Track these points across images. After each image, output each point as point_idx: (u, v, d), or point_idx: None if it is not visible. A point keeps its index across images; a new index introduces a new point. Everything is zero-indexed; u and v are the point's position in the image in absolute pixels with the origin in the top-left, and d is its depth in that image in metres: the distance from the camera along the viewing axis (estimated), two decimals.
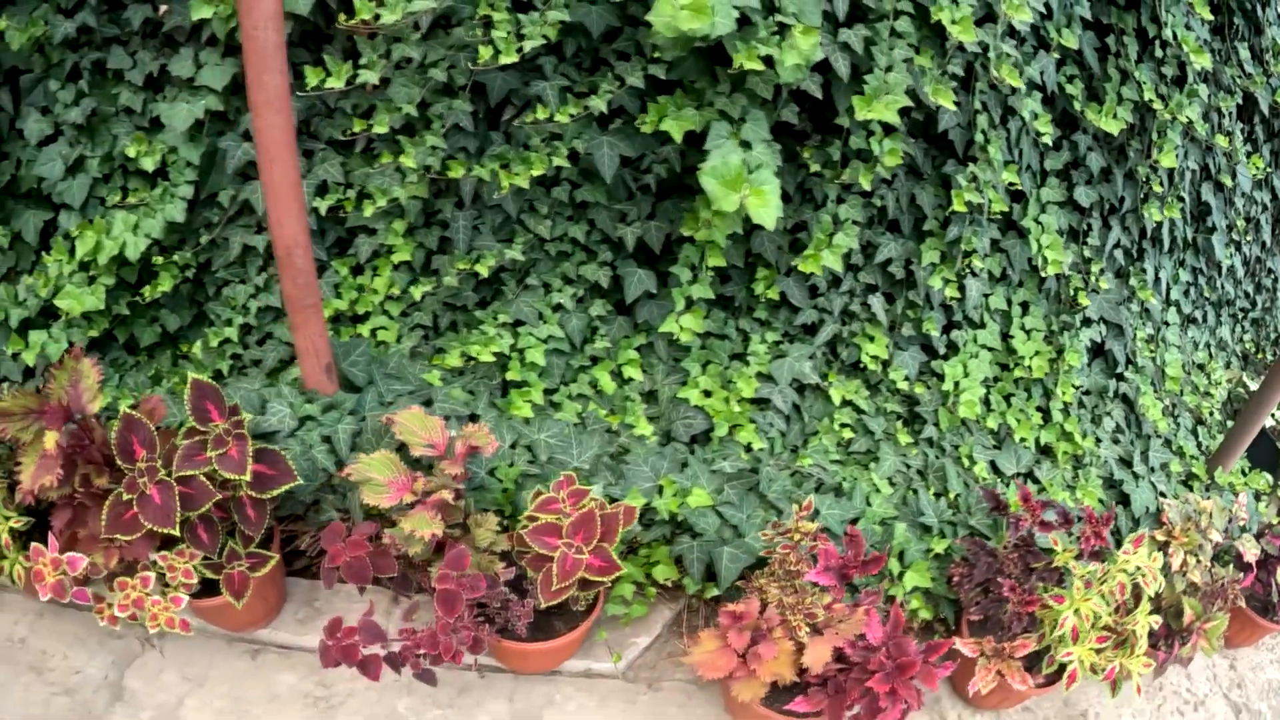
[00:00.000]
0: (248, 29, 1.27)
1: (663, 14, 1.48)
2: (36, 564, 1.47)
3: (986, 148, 1.83)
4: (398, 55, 1.61)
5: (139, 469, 1.38)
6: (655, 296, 1.95)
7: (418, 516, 1.27)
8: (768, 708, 1.45)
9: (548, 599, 1.29)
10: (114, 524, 1.38)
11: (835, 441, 1.90)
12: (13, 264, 2.27)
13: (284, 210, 1.39)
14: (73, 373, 1.49)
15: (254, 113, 1.34)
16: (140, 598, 1.44)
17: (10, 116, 2.17)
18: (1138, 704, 1.78)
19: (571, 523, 1.32)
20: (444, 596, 1.25)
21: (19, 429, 1.46)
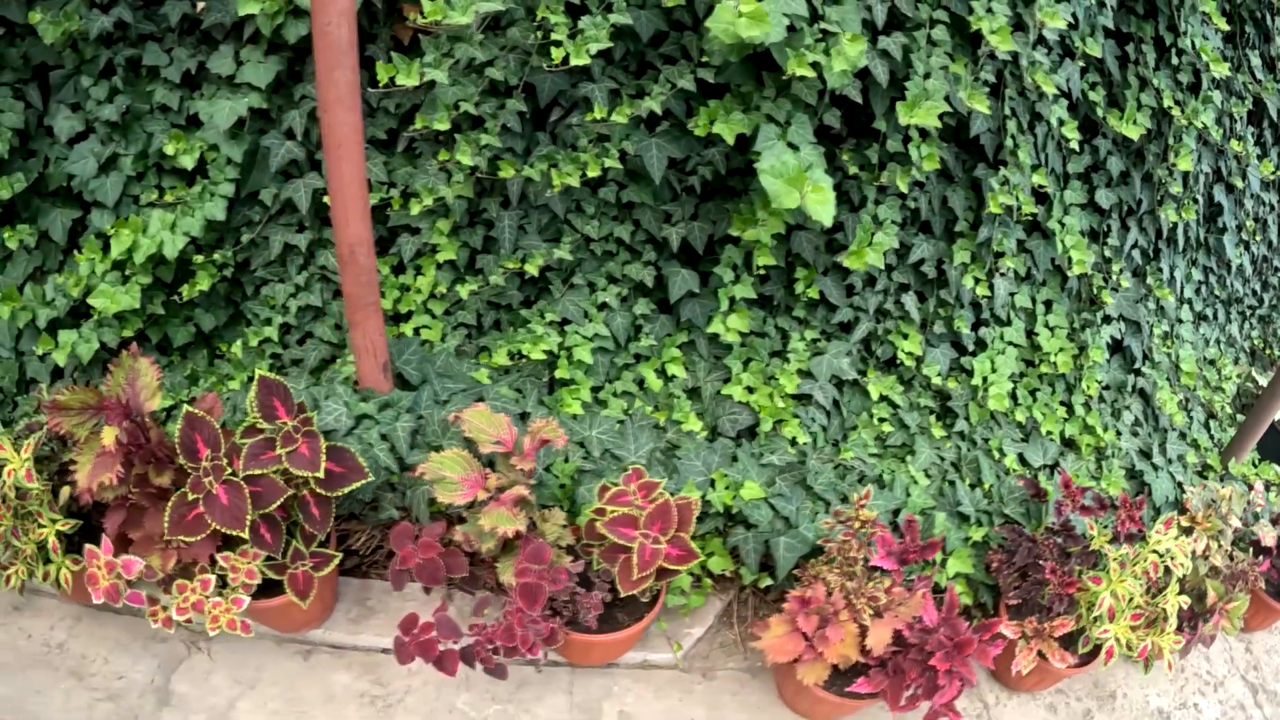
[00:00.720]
0: (320, 25, 1.25)
1: (722, 20, 1.50)
2: (90, 567, 1.42)
3: (1016, 152, 1.88)
4: (460, 54, 1.60)
5: (204, 468, 1.36)
6: (697, 295, 1.96)
7: (496, 513, 1.26)
8: (825, 690, 1.47)
9: (627, 589, 1.30)
10: (177, 525, 1.35)
11: (874, 435, 1.93)
12: (40, 263, 2.21)
13: (350, 208, 1.38)
14: (130, 371, 1.45)
15: (323, 110, 1.32)
16: (200, 600, 1.41)
17: (38, 113, 2.11)
18: (1162, 684, 1.84)
19: (648, 514, 1.32)
20: (525, 590, 1.25)
21: (75, 424, 1.41)
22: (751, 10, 1.46)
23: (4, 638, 1.87)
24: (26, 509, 1.65)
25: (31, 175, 2.11)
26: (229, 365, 2.08)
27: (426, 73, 1.54)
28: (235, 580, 1.42)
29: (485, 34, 1.72)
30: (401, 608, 1.71)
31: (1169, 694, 1.82)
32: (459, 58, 1.62)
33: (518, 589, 1.25)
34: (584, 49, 1.54)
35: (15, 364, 2.19)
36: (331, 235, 1.99)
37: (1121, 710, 1.77)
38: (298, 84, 1.92)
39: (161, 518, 1.41)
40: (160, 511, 1.41)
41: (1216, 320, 2.19)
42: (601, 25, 1.59)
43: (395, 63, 1.62)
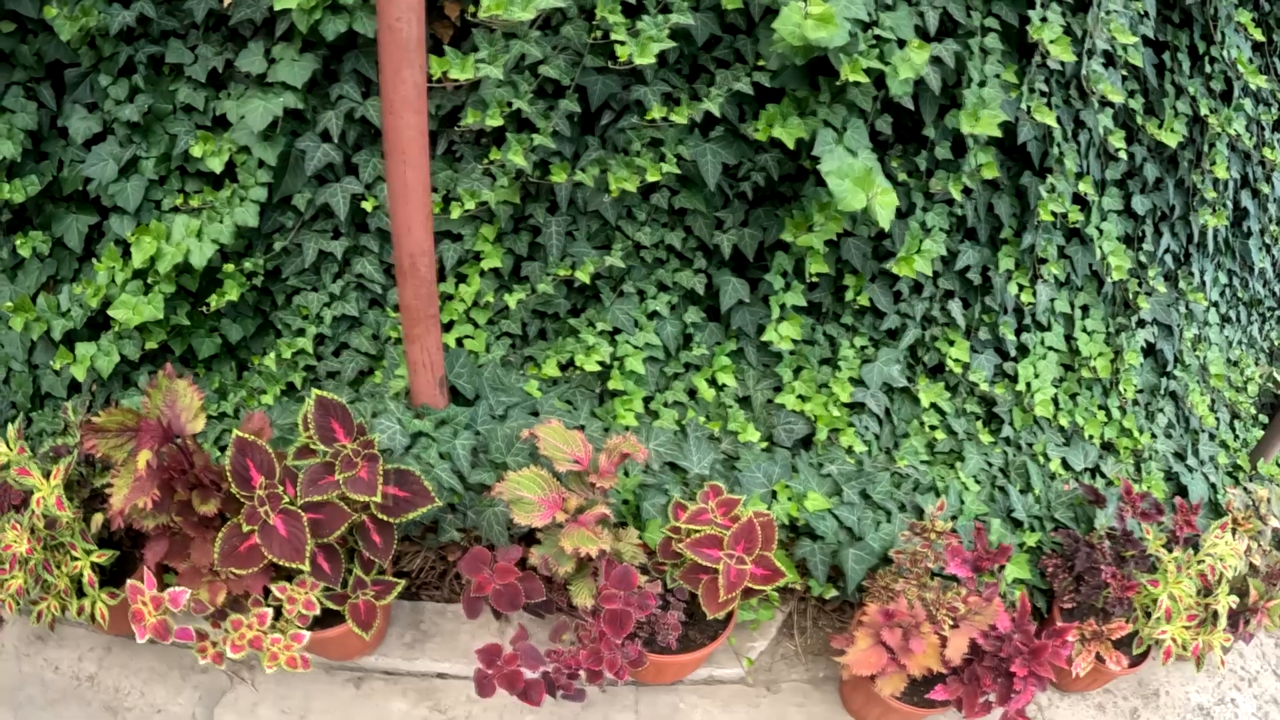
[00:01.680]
0: (388, 21, 1.15)
1: (789, 22, 1.44)
2: (135, 603, 1.31)
3: (1062, 159, 1.85)
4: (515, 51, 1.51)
5: (259, 496, 1.25)
6: (747, 303, 1.90)
7: (578, 534, 1.19)
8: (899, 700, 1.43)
9: (714, 611, 1.24)
10: (229, 556, 1.24)
11: (924, 442, 1.89)
12: (53, 272, 2.06)
13: (413, 215, 1.28)
14: (168, 392, 1.34)
15: (389, 112, 1.22)
16: (258, 636, 1.30)
17: (51, 114, 1.95)
18: (1201, 681, 1.85)
19: (732, 534, 1.26)
20: (612, 616, 1.18)
21: (112, 447, 1.30)
22: (820, 12, 1.40)
23: (29, 670, 1.74)
24: (57, 540, 1.52)
25: (45, 179, 1.96)
26: (259, 378, 1.96)
27: (480, 68, 1.45)
28: (291, 612, 1.32)
29: (539, 32, 1.63)
30: (456, 630, 1.63)
31: (1208, 690, 1.83)
32: (514, 54, 1.53)
33: (605, 616, 1.19)
34: (648, 48, 1.46)
35: (29, 378, 2.04)
36: (368, 243, 1.89)
37: (1165, 708, 1.77)
38: (334, 84, 1.81)
39: (208, 547, 1.30)
40: (207, 541, 1.30)
41: (1239, 322, 2.21)
42: (661, 25, 1.52)
43: (449, 56, 1.52)
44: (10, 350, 2.06)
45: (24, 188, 1.94)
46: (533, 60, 1.60)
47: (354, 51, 1.78)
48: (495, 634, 1.63)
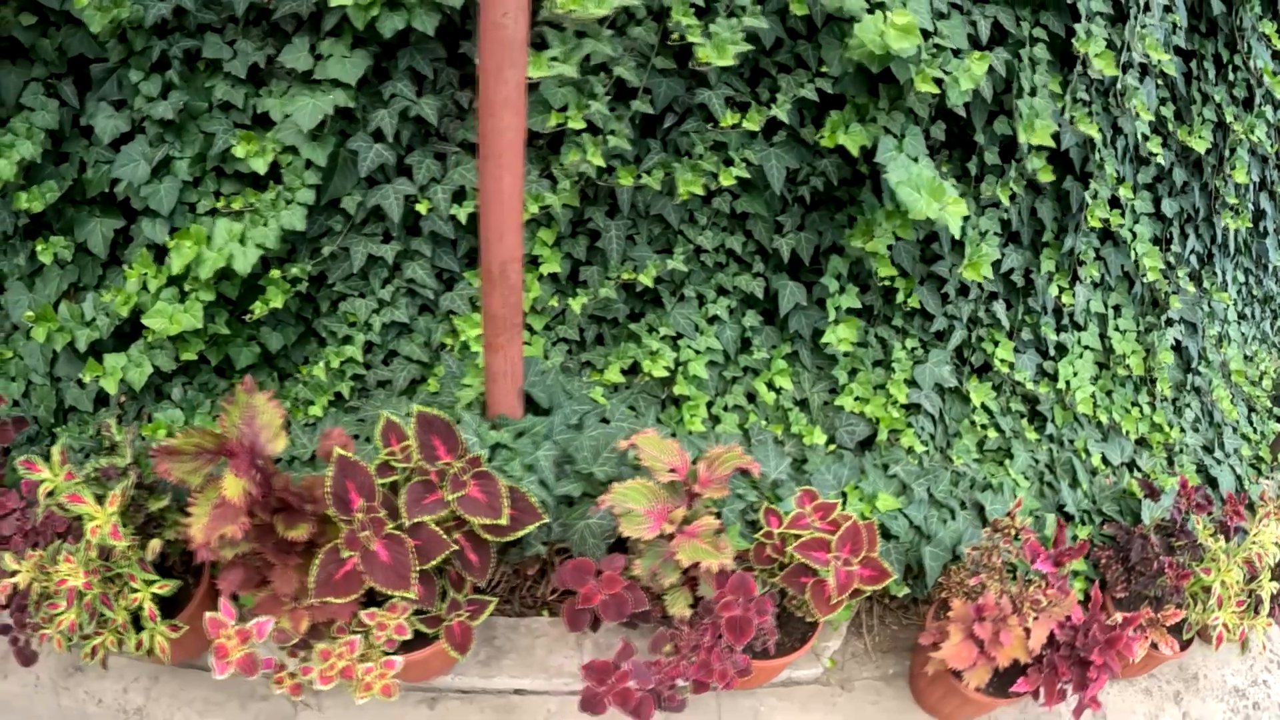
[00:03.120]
0: (493, 19, 1.09)
1: (871, 31, 1.43)
2: (219, 637, 1.21)
3: (1103, 165, 1.89)
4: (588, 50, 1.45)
5: (359, 521, 1.17)
6: (804, 307, 1.89)
7: (690, 545, 1.16)
8: (979, 692, 1.44)
9: (824, 613, 1.23)
10: (325, 585, 1.15)
11: (975, 441, 1.91)
12: (75, 279, 1.92)
13: (507, 221, 1.22)
14: (246, 408, 1.24)
15: (488, 113, 1.15)
16: (350, 665, 1.22)
17: (73, 112, 1.82)
18: (1235, 664, 1.92)
19: (839, 537, 1.25)
20: (732, 623, 1.16)
21: (188, 471, 1.20)
22: (905, 23, 1.40)
23: (70, 704, 1.62)
24: (113, 570, 1.41)
25: (66, 182, 1.83)
26: (303, 388, 1.86)
27: (554, 65, 1.39)
28: (379, 638, 1.24)
29: (610, 31, 1.58)
30: (532, 646, 1.57)
31: (1241, 673, 1.89)
32: (585, 53, 1.47)
33: (725, 623, 1.16)
34: (726, 51, 1.43)
35: (51, 391, 1.90)
36: (420, 247, 1.81)
37: (1204, 689, 1.83)
38: (384, 81, 1.72)
39: (290, 574, 1.21)
40: (289, 568, 1.21)
41: (1253, 319, 2.30)
42: (735, 28, 1.49)
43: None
44: (30, 362, 1.92)
45: (43, 194, 1.81)
46: (602, 59, 1.55)
47: (408, 48, 1.70)
48: (573, 647, 1.58)
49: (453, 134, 1.79)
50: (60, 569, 1.34)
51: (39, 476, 1.43)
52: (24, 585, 1.40)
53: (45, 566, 1.41)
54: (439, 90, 1.75)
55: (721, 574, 1.21)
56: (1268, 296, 2.32)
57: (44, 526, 1.49)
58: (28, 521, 1.51)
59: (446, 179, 1.76)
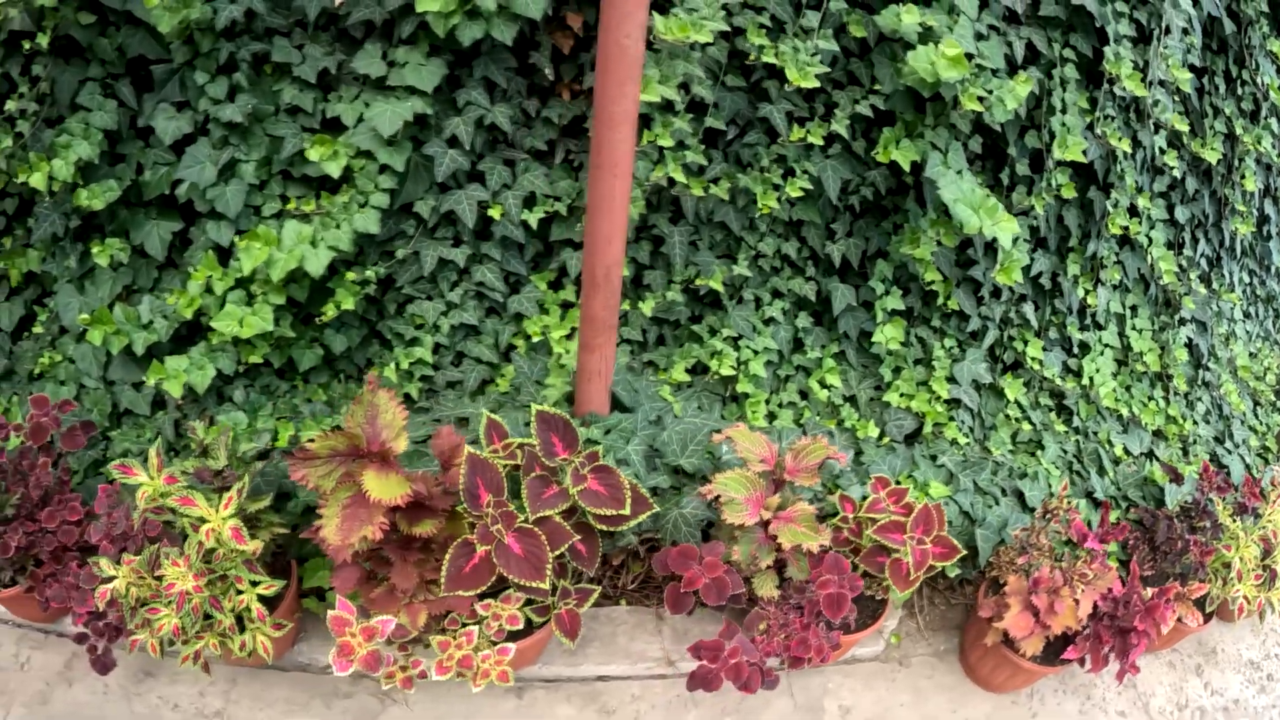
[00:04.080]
0: (617, 38, 1.24)
1: (924, 60, 1.65)
2: (343, 635, 1.34)
3: (1124, 176, 2.16)
4: (681, 70, 1.64)
5: (490, 515, 1.31)
6: (853, 308, 2.10)
7: (789, 529, 1.35)
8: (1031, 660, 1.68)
9: (903, 589, 1.43)
10: (456, 579, 1.28)
11: (1010, 433, 2.16)
12: (129, 282, 2.02)
13: (615, 227, 1.39)
14: (369, 407, 1.37)
15: (606, 124, 1.31)
16: (468, 655, 1.36)
17: (131, 114, 1.92)
18: (1248, 639, 2.20)
19: (913, 518, 1.46)
20: (830, 600, 1.35)
21: (321, 475, 1.32)
22: (954, 54, 1.62)
23: (144, 711, 1.71)
24: (216, 572, 1.51)
25: (124, 183, 1.92)
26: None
27: (659, 88, 1.57)
28: (491, 628, 1.38)
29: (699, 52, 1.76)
30: (614, 633, 1.75)
31: (1255, 647, 2.18)
32: (680, 73, 1.66)
33: (824, 599, 1.35)
34: (809, 73, 1.63)
35: (106, 395, 1.99)
36: (490, 250, 1.96)
37: (1223, 662, 2.10)
38: (456, 89, 1.87)
39: (410, 571, 1.34)
40: (408, 564, 1.34)
41: (1257, 317, 2.61)
42: (810, 50, 1.69)
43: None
44: (83, 366, 2.00)
45: (103, 193, 1.90)
46: (689, 78, 1.73)
47: (482, 58, 1.85)
48: (652, 633, 1.76)
49: (521, 141, 1.95)
50: (168, 572, 1.44)
51: (135, 480, 1.53)
52: (122, 590, 1.49)
53: (141, 571, 1.51)
54: (508, 99, 1.91)
55: (814, 555, 1.40)
56: (1270, 296, 2.64)
57: (134, 531, 1.58)
58: (115, 527, 1.61)
59: (517, 185, 1.92)
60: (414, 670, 1.42)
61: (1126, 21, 1.99)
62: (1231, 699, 1.98)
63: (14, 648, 1.86)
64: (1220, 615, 2.13)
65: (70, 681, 1.81)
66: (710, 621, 1.79)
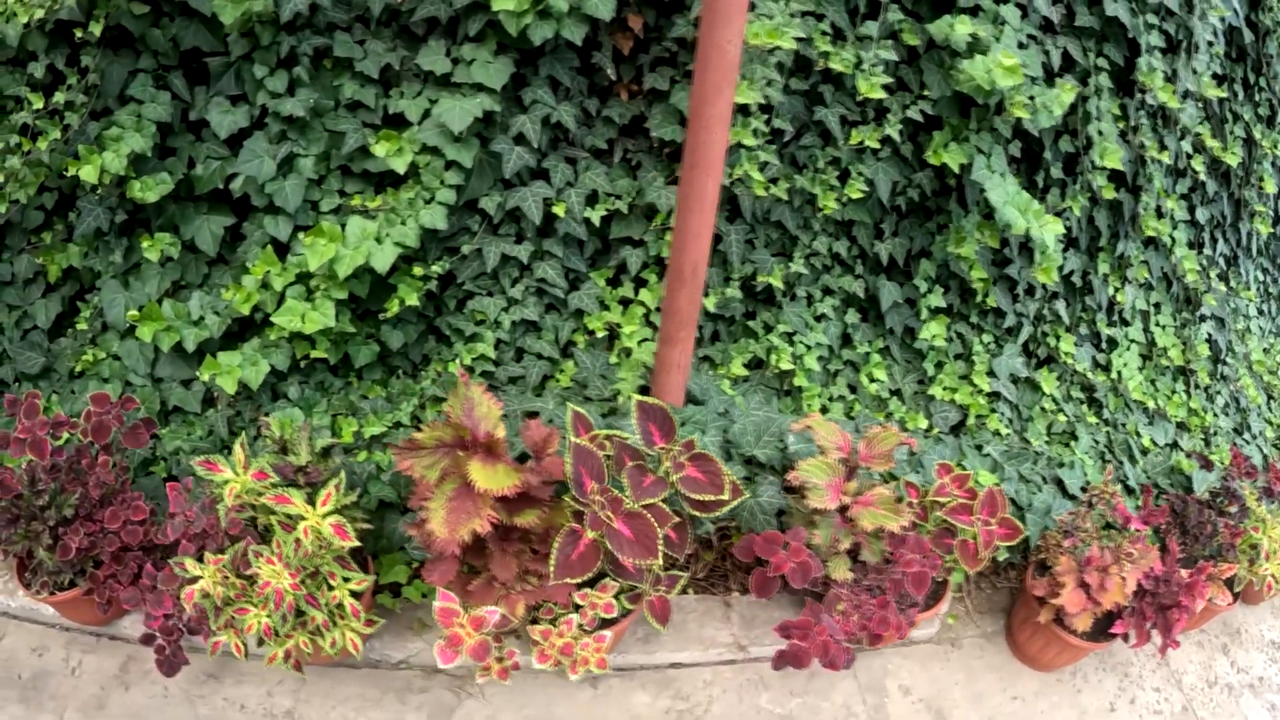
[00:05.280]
0: (718, 42, 1.39)
1: (981, 69, 1.87)
2: (451, 627, 1.44)
3: (1152, 179, 2.43)
4: (760, 74, 1.83)
5: (597, 501, 1.43)
6: (899, 305, 2.33)
7: (869, 513, 1.55)
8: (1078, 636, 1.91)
9: (972, 567, 1.64)
10: (564, 566, 1.38)
11: (1045, 425, 2.41)
12: (177, 277, 2.12)
13: (704, 224, 1.56)
14: (465, 400, 1.51)
15: (701, 126, 1.45)
16: (569, 643, 1.50)
17: (183, 106, 2.03)
18: (1269, 620, 2.49)
19: (980, 501, 1.67)
20: (915, 578, 1.55)
21: (426, 467, 1.43)
22: (1011, 64, 1.85)
23: (208, 713, 1.79)
24: (310, 568, 1.58)
25: (175, 177, 2.03)
26: (430, 384, 2.12)
27: (749, 93, 1.76)
28: (586, 616, 1.53)
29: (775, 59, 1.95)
30: (684, 621, 1.92)
31: (1277, 629, 2.47)
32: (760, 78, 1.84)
33: (910, 577, 1.55)
34: (876, 84, 1.84)
35: (154, 393, 2.09)
36: (552, 247, 2.13)
37: (1247, 642, 2.38)
38: (521, 88, 2.03)
39: (510, 561, 1.46)
40: (508, 555, 1.47)
41: (1270, 314, 2.92)
42: (878, 60, 1.90)
43: None
44: (130, 363, 2.10)
45: (155, 186, 2.00)
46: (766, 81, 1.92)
47: (548, 57, 2.02)
48: (720, 620, 1.94)
49: (582, 140, 2.12)
50: (262, 570, 1.54)
51: (222, 478, 1.63)
52: (208, 590, 1.57)
53: (226, 571, 1.60)
54: (570, 97, 2.07)
55: (895, 535, 1.60)
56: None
57: (214, 529, 1.69)
58: (193, 525, 1.72)
59: (579, 183, 2.09)
60: (509, 661, 1.55)
61: (1157, 33, 2.25)
62: (1256, 676, 2.26)
63: (63, 651, 1.95)
64: (1245, 598, 2.41)
65: (127, 685, 1.90)
66: (775, 607, 1.98)
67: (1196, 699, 2.15)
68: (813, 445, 1.88)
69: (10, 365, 2.11)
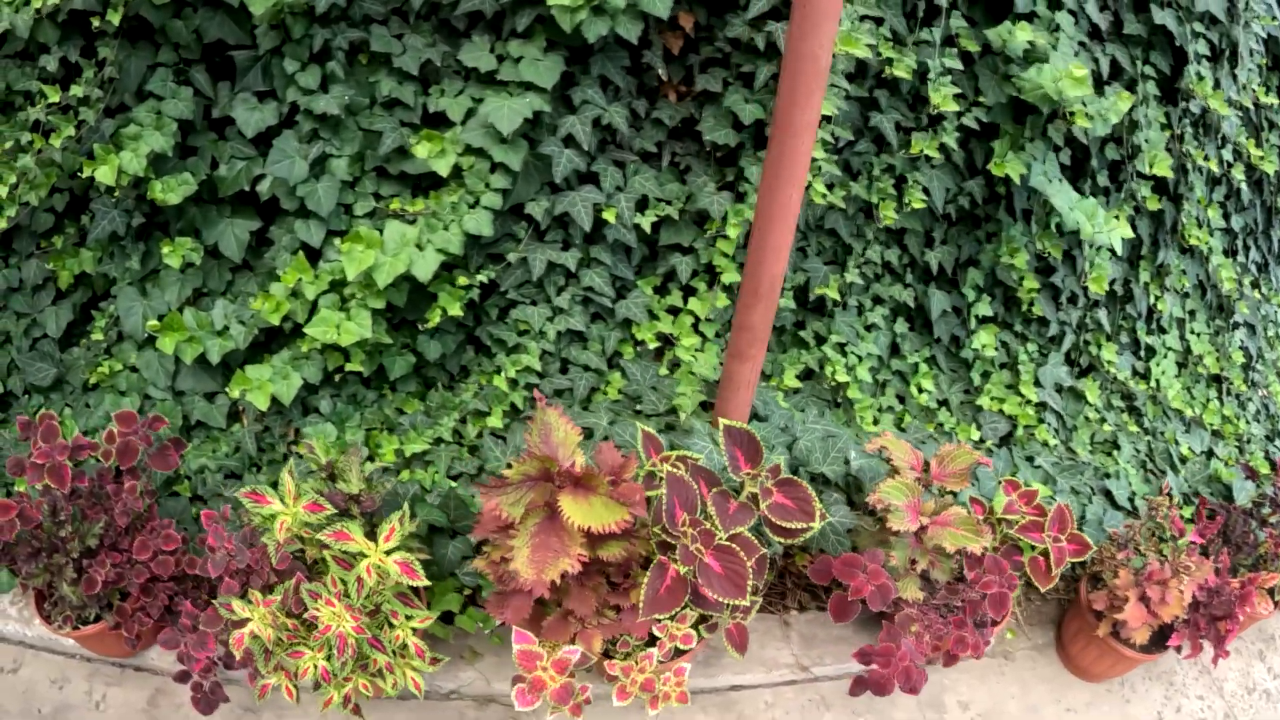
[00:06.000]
0: (809, 50, 1.38)
1: (1050, 78, 1.93)
2: (534, 670, 1.40)
3: (1193, 188, 2.53)
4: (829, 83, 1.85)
5: (689, 534, 1.40)
6: (945, 314, 2.38)
7: (948, 533, 1.60)
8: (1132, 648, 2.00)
9: (1044, 584, 1.70)
10: (653, 602, 1.35)
11: (1090, 435, 2.50)
12: (198, 284, 2.07)
13: (786, 239, 1.56)
14: (542, 425, 1.48)
15: (789, 134, 1.44)
16: (650, 679, 1.48)
17: (205, 103, 1.98)
18: None
19: (1050, 518, 1.74)
20: (994, 599, 1.60)
21: (511, 503, 1.37)
22: (1080, 75, 1.91)
23: None
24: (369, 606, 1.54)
25: (198, 177, 1.98)
26: (470, 397, 2.11)
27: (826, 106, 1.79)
28: (663, 648, 1.53)
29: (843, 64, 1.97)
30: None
31: None
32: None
33: (990, 599, 1.61)
34: (947, 94, 1.88)
35: (176, 407, 2.05)
36: (600, 255, 2.13)
37: None
38: (571, 87, 2.02)
39: (589, 596, 1.44)
40: (586, 589, 1.45)
41: None
42: (943, 69, 1.94)
43: None
44: (149, 375, 2.05)
45: (178, 187, 1.95)
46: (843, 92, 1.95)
47: (599, 55, 2.01)
48: (780, 640, 1.98)
49: (629, 142, 2.12)
50: (322, 613, 1.47)
51: (270, 510, 1.59)
52: (259, 633, 1.50)
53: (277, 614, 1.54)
54: (619, 98, 2.07)
55: (973, 556, 1.66)
56: None
57: (259, 564, 1.64)
58: (235, 560, 1.67)
59: (629, 187, 2.09)
60: (582, 696, 1.54)
61: (1203, 41, 2.33)
62: None
63: (85, 684, 1.91)
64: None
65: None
66: (834, 626, 2.03)
67: (1237, 705, 2.26)
68: (873, 460, 1.93)
69: (19, 376, 2.05)
